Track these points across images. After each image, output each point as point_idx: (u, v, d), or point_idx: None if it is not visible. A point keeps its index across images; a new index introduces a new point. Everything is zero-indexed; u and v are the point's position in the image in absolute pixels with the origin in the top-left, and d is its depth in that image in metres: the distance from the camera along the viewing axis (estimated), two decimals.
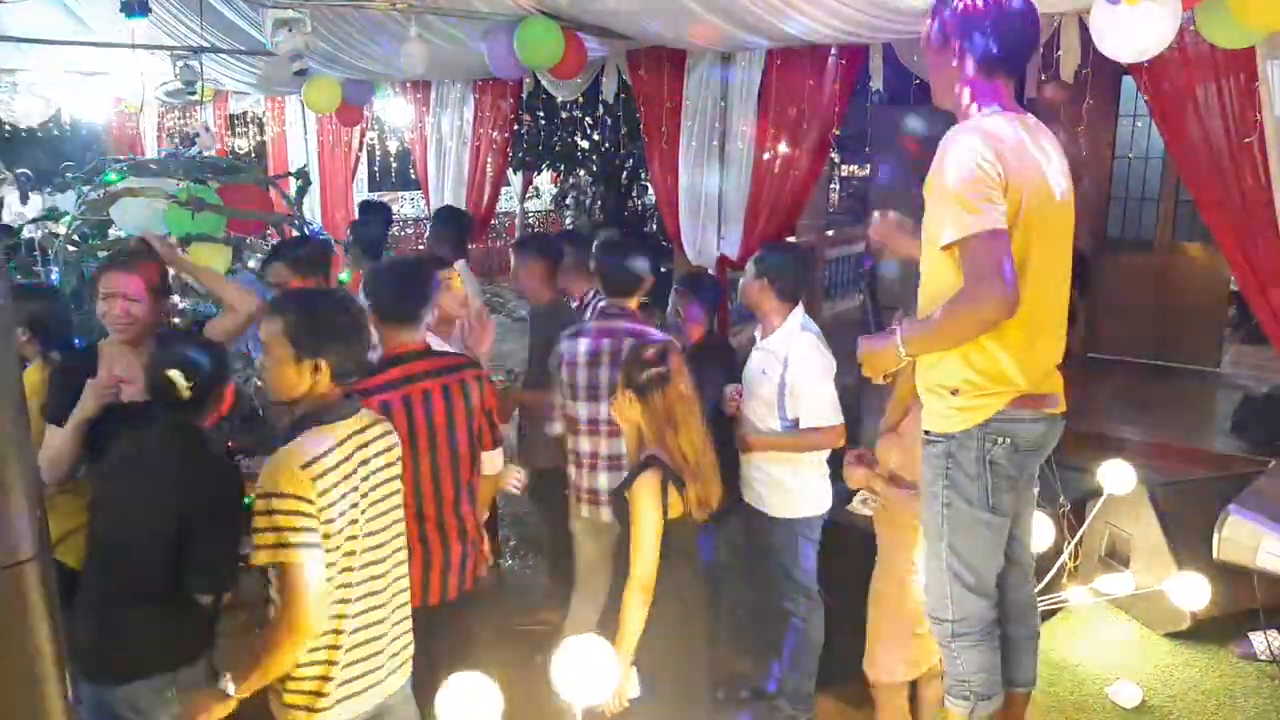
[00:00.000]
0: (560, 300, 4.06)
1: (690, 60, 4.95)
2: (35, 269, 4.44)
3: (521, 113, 7.86)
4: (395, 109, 7.13)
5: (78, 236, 4.39)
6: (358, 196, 8.47)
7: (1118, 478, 3.94)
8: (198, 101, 6.25)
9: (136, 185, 4.22)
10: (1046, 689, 3.55)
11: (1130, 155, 7.45)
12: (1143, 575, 3.96)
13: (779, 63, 4.65)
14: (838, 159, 12.89)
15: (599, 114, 9.88)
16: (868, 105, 7.06)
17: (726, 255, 5.07)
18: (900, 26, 3.81)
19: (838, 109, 4.63)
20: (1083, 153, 6.13)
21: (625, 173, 10.41)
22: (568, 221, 12.54)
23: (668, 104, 5.10)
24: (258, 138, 11.06)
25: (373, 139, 12.63)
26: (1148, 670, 3.72)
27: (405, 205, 14.24)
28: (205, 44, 5.45)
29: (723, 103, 4.91)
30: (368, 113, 7.48)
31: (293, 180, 5.54)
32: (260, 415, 3.73)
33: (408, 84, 6.66)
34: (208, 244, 4.23)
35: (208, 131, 5.82)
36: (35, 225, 4.88)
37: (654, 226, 9.65)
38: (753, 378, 3.32)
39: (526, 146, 10.23)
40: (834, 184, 14.69)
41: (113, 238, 4.47)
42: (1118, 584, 4.00)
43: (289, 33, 3.97)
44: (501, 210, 11.48)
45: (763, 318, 3.32)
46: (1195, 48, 3.32)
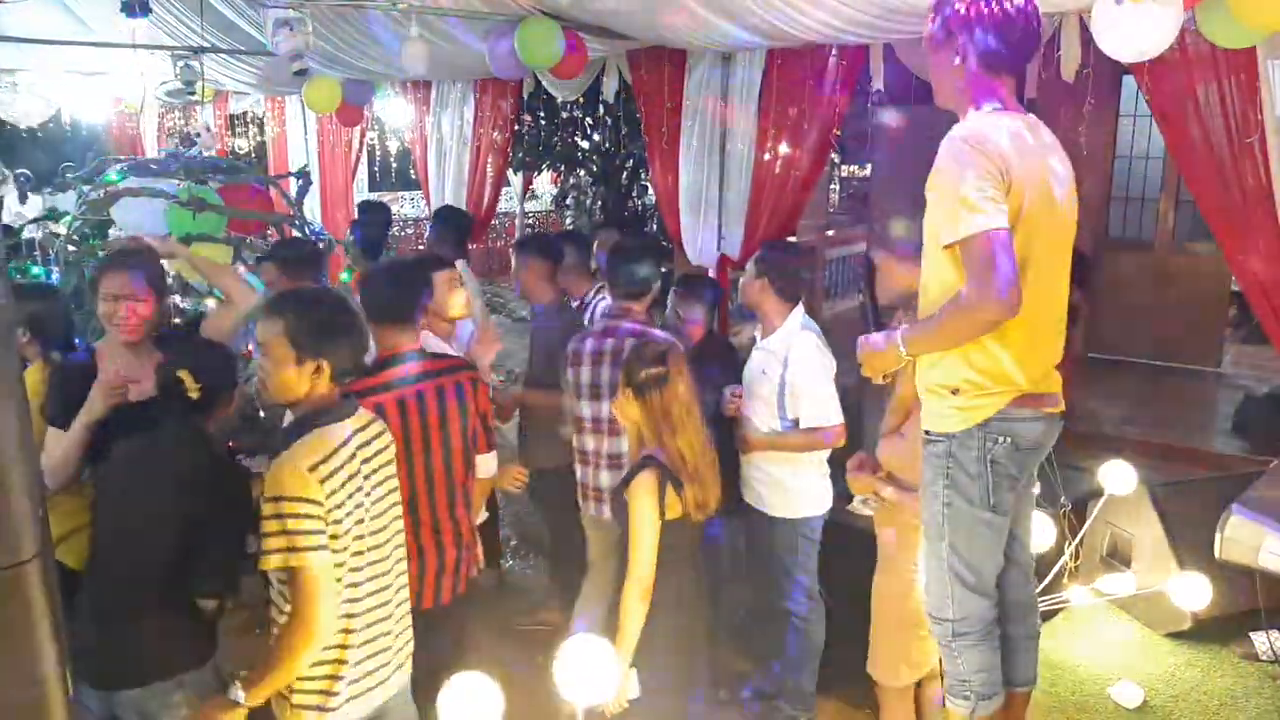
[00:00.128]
0: (561, 300, 4.06)
1: (691, 60, 4.95)
2: (35, 269, 4.43)
3: (522, 113, 7.85)
4: (395, 109, 7.13)
5: (78, 237, 4.38)
6: (358, 197, 8.46)
7: (1119, 478, 3.94)
8: (198, 102, 6.25)
9: (137, 185, 4.22)
10: (1048, 689, 3.55)
11: (1131, 155, 7.45)
12: (1144, 575, 3.96)
13: (779, 62, 4.65)
14: (838, 159, 12.89)
15: (599, 114, 9.88)
16: (868, 105, 7.06)
17: (727, 255, 5.07)
18: (901, 26, 3.81)
19: (838, 109, 4.63)
20: (1083, 152, 6.13)
21: (625, 173, 10.40)
22: (568, 222, 12.53)
23: (668, 104, 5.10)
24: (258, 138, 11.07)
25: (373, 139, 12.65)
26: (1149, 670, 3.72)
27: (405, 205, 14.23)
28: (205, 44, 5.44)
29: (723, 102, 4.91)
30: (368, 113, 7.47)
31: (293, 180, 5.53)
32: (261, 415, 3.73)
33: (408, 84, 6.66)
34: (208, 244, 4.23)
35: (208, 131, 5.82)
36: (35, 225, 4.88)
37: (654, 227, 9.64)
38: (753, 377, 3.32)
39: (527, 146, 10.23)
40: (834, 184, 14.69)
41: (113, 238, 4.47)
42: (1119, 584, 4.00)
43: (289, 32, 3.96)
44: (501, 210, 11.46)
45: (763, 317, 3.32)
46: (1196, 47, 3.31)
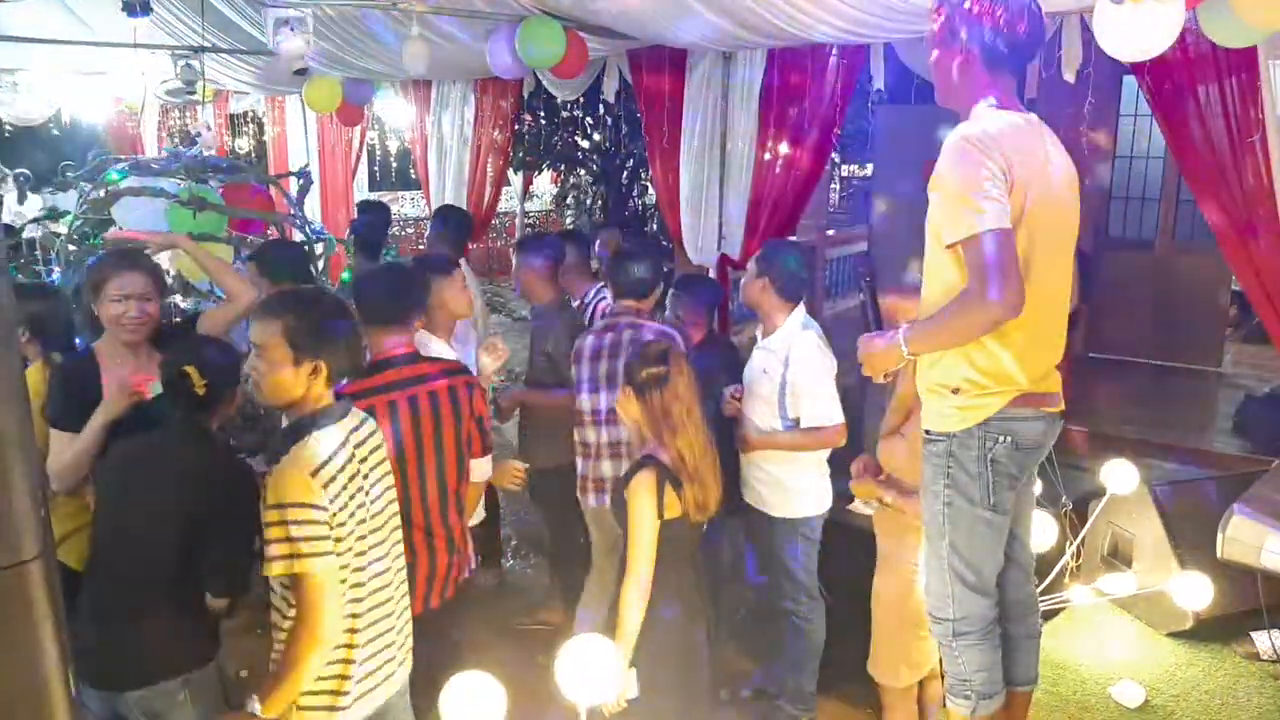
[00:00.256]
0: (561, 300, 4.05)
1: (691, 59, 4.95)
2: (36, 268, 4.43)
3: (522, 112, 7.85)
4: (396, 109, 7.12)
5: (78, 236, 4.38)
6: (358, 196, 8.47)
7: (1120, 477, 3.94)
8: (198, 101, 6.24)
9: (138, 185, 4.22)
10: (1050, 689, 3.55)
11: (1131, 155, 7.45)
12: (1145, 575, 3.96)
13: (780, 62, 4.65)
14: (838, 159, 12.89)
15: (600, 114, 9.89)
16: (869, 105, 7.06)
17: (728, 255, 5.07)
18: (901, 25, 3.81)
19: (839, 108, 4.63)
20: (1084, 152, 6.13)
21: (625, 172, 10.40)
22: (568, 221, 12.54)
23: (669, 103, 5.09)
24: (258, 137, 11.06)
25: (373, 139, 12.65)
26: (1151, 670, 3.72)
27: (406, 205, 14.23)
28: (206, 44, 5.44)
29: (724, 102, 4.91)
30: (368, 112, 7.47)
31: (294, 180, 5.53)
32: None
33: (408, 83, 6.65)
34: (209, 243, 4.23)
35: (209, 131, 5.82)
36: (36, 225, 4.88)
37: (654, 226, 9.64)
38: (754, 377, 3.32)
39: (527, 146, 10.23)
40: (834, 183, 14.69)
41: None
42: (1120, 584, 4.00)
43: (290, 32, 3.96)
44: (501, 210, 11.47)
45: (764, 317, 3.32)
46: (1197, 47, 3.31)
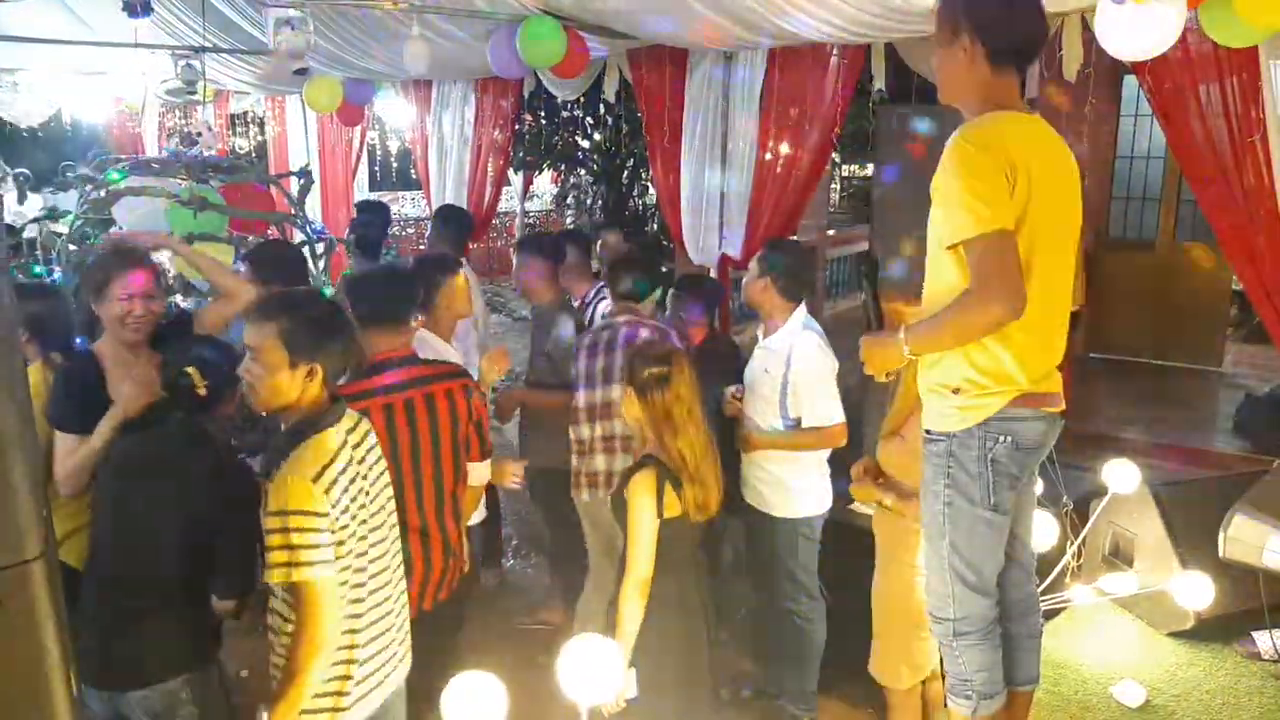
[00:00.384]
0: (562, 300, 4.06)
1: (692, 59, 4.95)
2: (37, 268, 4.44)
3: (523, 112, 7.85)
4: (396, 108, 7.12)
5: (79, 236, 4.38)
6: (358, 196, 8.46)
7: (1122, 477, 3.94)
8: (198, 101, 6.24)
9: (139, 185, 4.22)
10: (1051, 688, 3.54)
11: (1132, 155, 7.45)
12: (1146, 574, 3.95)
13: (781, 62, 4.65)
14: (838, 159, 12.90)
15: (600, 113, 9.88)
16: (870, 105, 7.06)
17: (728, 255, 5.07)
18: (902, 25, 3.81)
19: (840, 108, 4.63)
20: (1085, 152, 6.13)
21: (626, 172, 10.40)
22: (568, 221, 12.54)
23: (669, 103, 5.09)
24: (258, 137, 11.06)
25: (373, 139, 12.64)
26: (1152, 669, 3.72)
27: (406, 205, 14.23)
28: (207, 44, 5.44)
29: (724, 102, 4.91)
30: (368, 112, 7.47)
31: (294, 179, 5.53)
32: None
33: (409, 83, 6.65)
34: (210, 243, 4.23)
35: (209, 131, 5.81)
36: (36, 224, 4.88)
37: (655, 226, 9.64)
38: (755, 377, 3.32)
39: (528, 146, 10.23)
40: (834, 183, 14.70)
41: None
42: (1121, 583, 4.00)
43: (291, 32, 3.96)
44: (501, 209, 11.46)
45: (765, 317, 3.32)
46: (1198, 46, 3.31)
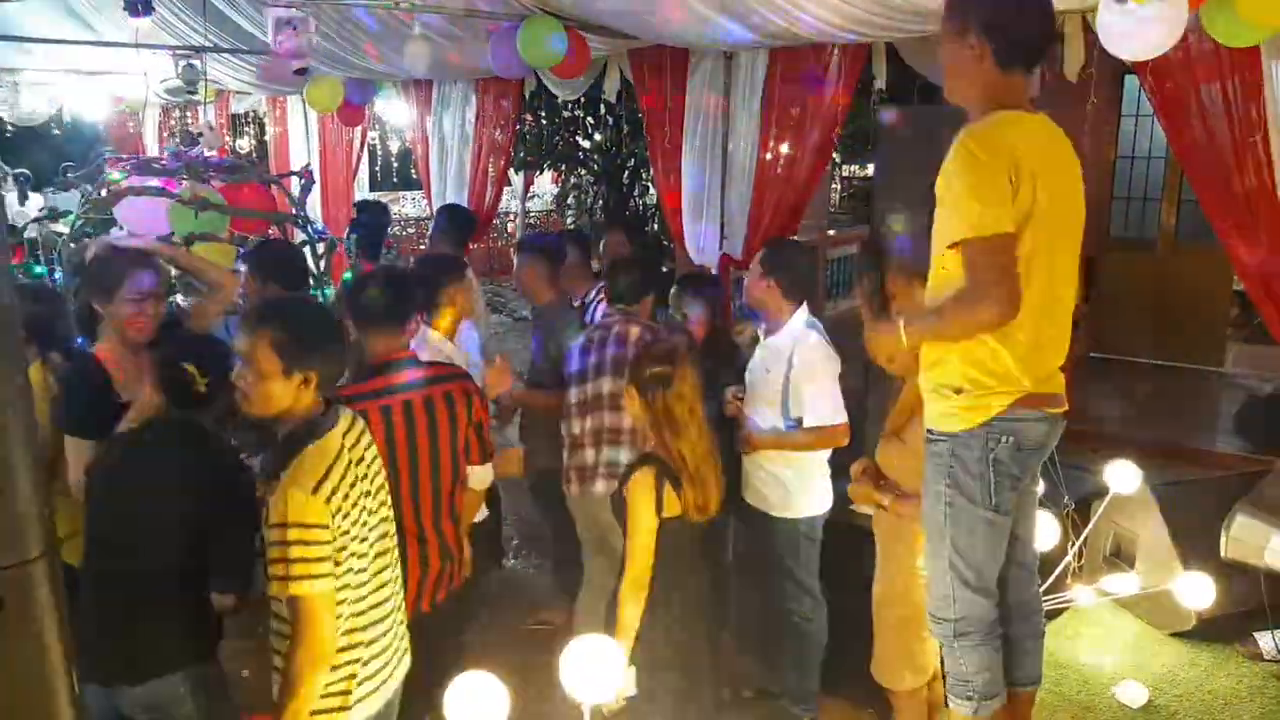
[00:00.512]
0: (562, 300, 4.06)
1: (693, 59, 4.94)
2: (38, 268, 4.44)
3: (523, 112, 7.85)
4: (397, 108, 7.12)
5: (80, 236, 4.38)
6: (359, 196, 8.46)
7: (1123, 477, 3.94)
8: (199, 101, 6.24)
9: (140, 184, 4.22)
10: (1052, 689, 3.54)
11: (1133, 155, 7.44)
12: (1148, 575, 3.95)
13: (782, 62, 4.64)
14: (839, 158, 12.88)
15: (601, 113, 9.88)
16: (871, 105, 7.06)
17: (729, 254, 5.06)
18: (903, 25, 3.80)
19: (841, 108, 4.62)
20: (1085, 152, 6.12)
21: (627, 172, 10.39)
22: (569, 221, 12.53)
23: (670, 103, 5.09)
24: (259, 137, 11.06)
25: (374, 139, 12.65)
26: (1153, 670, 3.72)
27: (407, 205, 14.24)
28: (208, 44, 5.44)
29: (725, 102, 4.90)
30: (369, 112, 7.47)
31: (295, 179, 5.53)
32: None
33: (409, 83, 6.65)
34: (211, 243, 4.23)
35: (211, 131, 5.81)
36: (36, 224, 4.88)
37: (655, 226, 9.63)
38: (756, 376, 3.32)
39: (528, 146, 10.22)
40: (835, 183, 14.69)
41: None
42: (1123, 584, 3.99)
43: (292, 32, 3.96)
44: (502, 209, 11.46)
45: (768, 317, 3.32)
46: (1199, 46, 3.31)
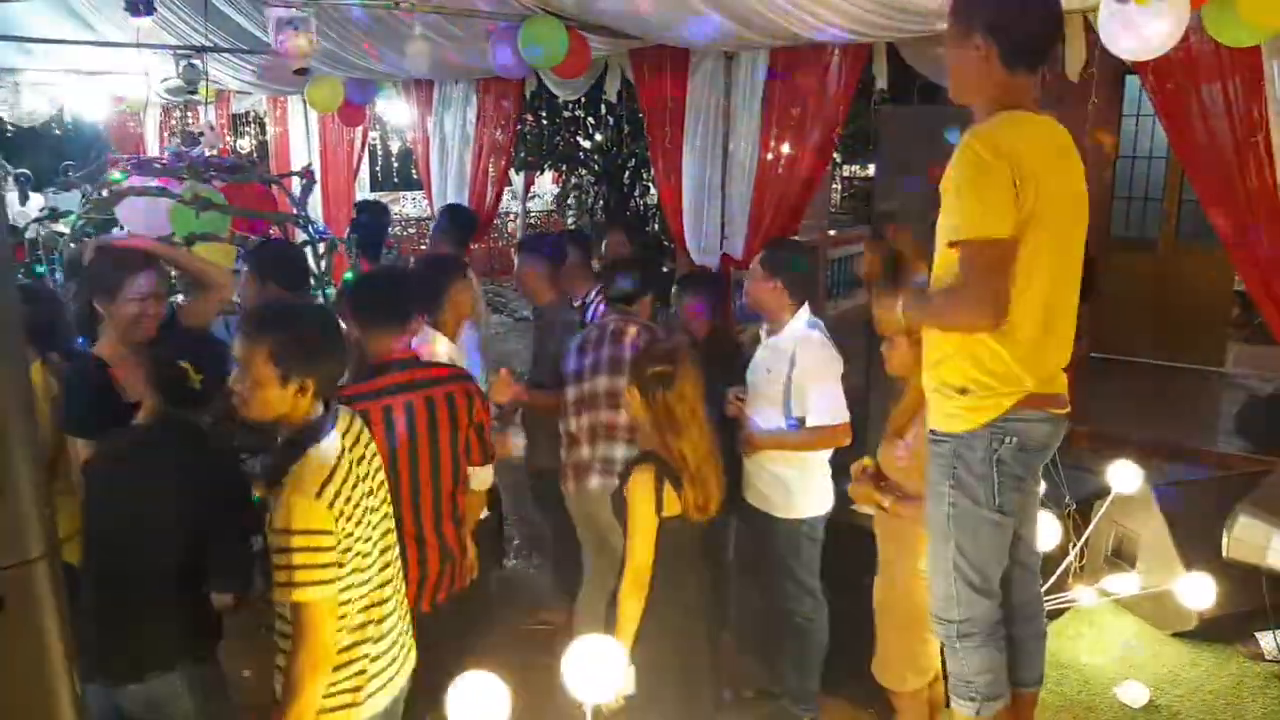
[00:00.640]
0: (563, 300, 4.06)
1: (694, 59, 4.94)
2: (40, 268, 4.43)
3: (524, 113, 7.84)
4: (397, 109, 7.12)
5: (81, 237, 4.37)
6: (360, 196, 8.45)
7: (1124, 477, 3.94)
8: (200, 101, 6.24)
9: (141, 184, 4.22)
10: (1054, 689, 3.54)
11: (1134, 155, 7.45)
12: (1149, 575, 3.95)
13: (783, 62, 4.64)
14: (839, 159, 12.88)
15: (601, 114, 9.87)
16: (872, 106, 7.05)
17: (730, 255, 5.06)
18: (904, 25, 3.80)
19: (841, 108, 4.62)
20: (1087, 152, 6.12)
21: (627, 172, 10.39)
22: (569, 221, 12.53)
23: (671, 103, 5.09)
24: (259, 137, 11.06)
25: (375, 139, 12.65)
26: (1155, 670, 3.71)
27: (407, 205, 14.24)
28: (209, 44, 5.44)
29: (726, 102, 4.90)
30: (370, 112, 7.46)
31: (296, 179, 5.53)
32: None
33: (410, 84, 6.65)
34: (212, 243, 4.23)
35: (212, 130, 5.81)
36: (38, 224, 4.88)
37: (656, 226, 9.63)
38: (758, 376, 3.31)
39: (529, 146, 10.22)
40: (835, 184, 14.69)
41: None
42: (1124, 584, 3.99)
43: (294, 32, 3.96)
44: (503, 210, 11.45)
45: (770, 317, 3.31)
46: (1200, 46, 3.30)
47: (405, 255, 11.55)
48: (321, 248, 4.78)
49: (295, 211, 4.96)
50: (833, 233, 9.38)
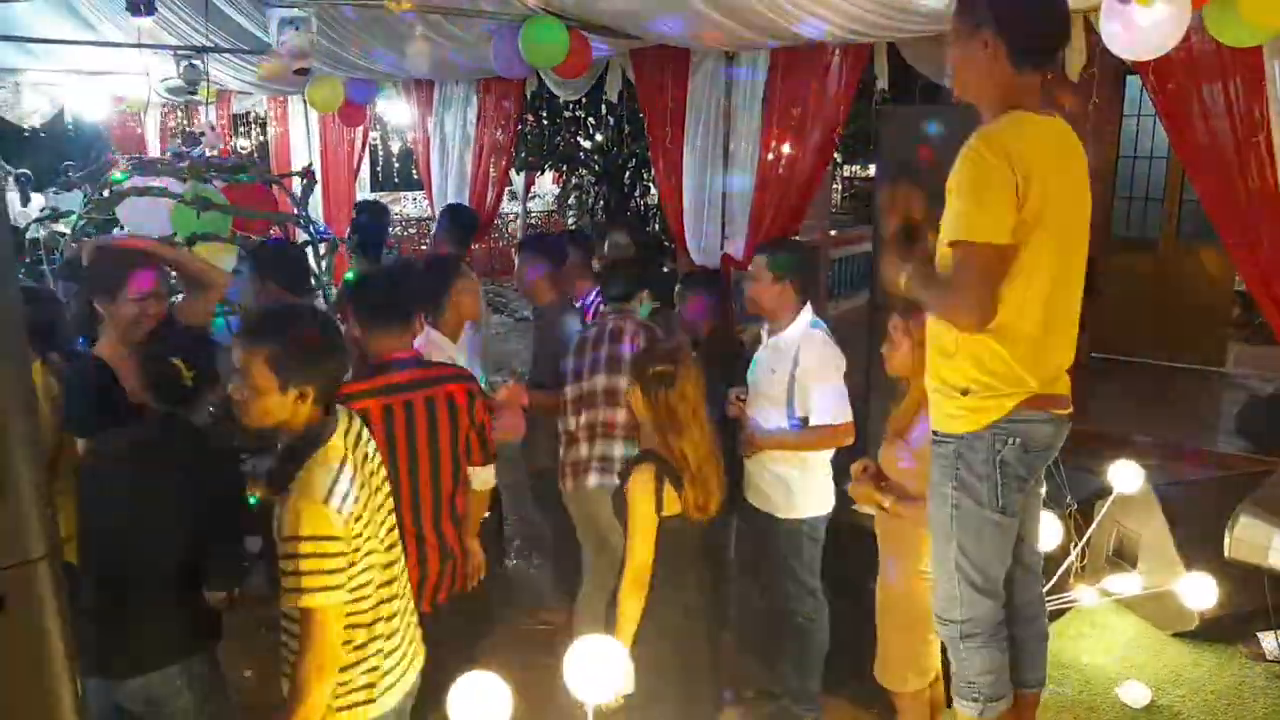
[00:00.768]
0: (563, 301, 4.06)
1: (695, 60, 4.94)
2: (41, 269, 4.44)
3: (525, 113, 7.84)
4: (398, 109, 7.12)
5: (83, 236, 4.37)
6: (361, 196, 8.45)
7: (1126, 477, 3.94)
8: (200, 101, 6.24)
9: (143, 185, 4.22)
10: (1055, 689, 3.54)
11: (1135, 155, 7.44)
12: (1151, 575, 3.95)
13: (784, 62, 4.64)
14: (840, 159, 12.87)
15: (602, 114, 9.87)
16: (873, 106, 7.05)
17: (731, 255, 5.06)
18: (905, 25, 3.80)
19: (842, 108, 4.62)
20: (1088, 152, 6.12)
21: (628, 173, 10.39)
22: (570, 221, 12.53)
23: (671, 103, 5.09)
24: (260, 137, 11.06)
25: (375, 139, 12.65)
26: (1156, 670, 3.71)
27: (408, 205, 14.24)
28: (209, 44, 5.44)
29: (727, 102, 4.90)
30: (370, 112, 7.46)
31: (297, 179, 5.53)
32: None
33: (410, 84, 6.65)
34: (213, 243, 4.23)
35: (213, 131, 5.81)
36: (40, 225, 4.88)
37: (656, 226, 9.63)
38: (761, 375, 3.31)
39: (530, 146, 10.22)
40: (836, 184, 14.69)
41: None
42: (1126, 584, 3.99)
43: (295, 32, 3.96)
44: (503, 210, 11.45)
45: (773, 317, 3.31)
46: (1201, 46, 3.30)
47: (406, 255, 11.56)
48: (323, 248, 4.79)
49: (296, 212, 4.96)
50: (833, 233, 9.38)
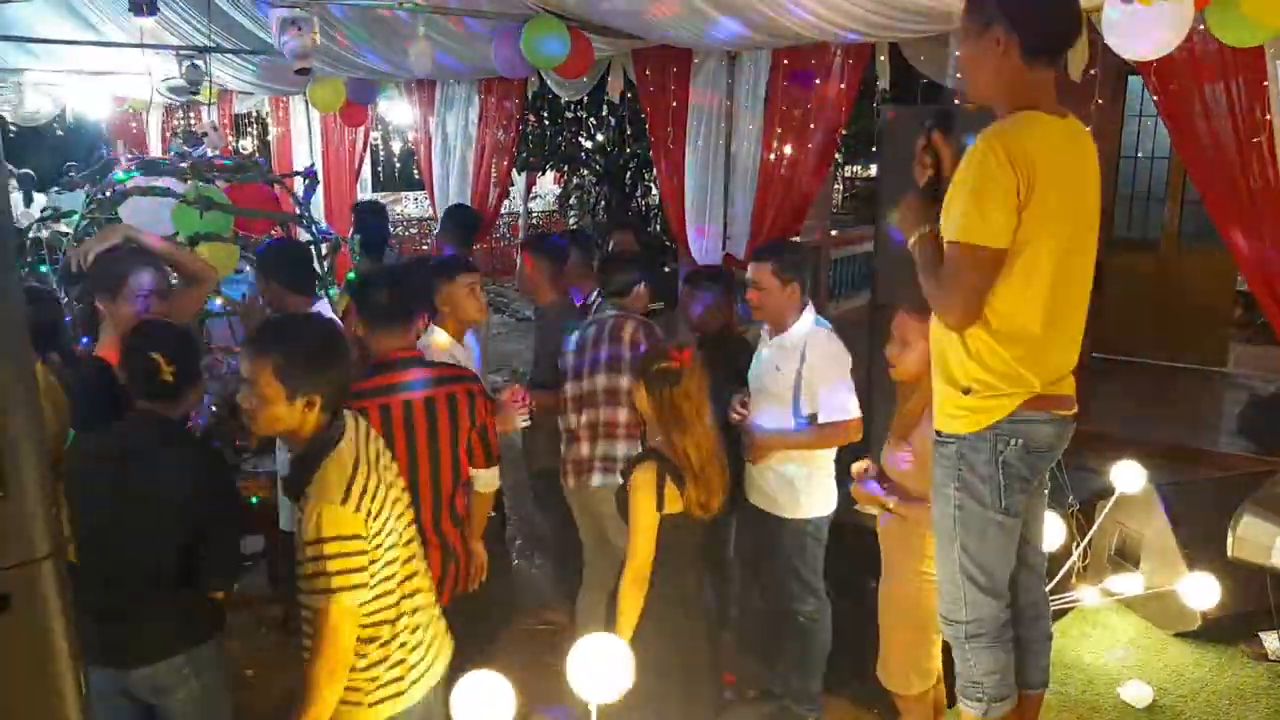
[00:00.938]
0: (565, 301, 4.06)
1: (696, 60, 4.94)
2: (44, 268, 4.44)
3: (526, 113, 7.84)
4: (400, 109, 7.12)
5: (85, 236, 4.37)
6: (362, 196, 8.45)
7: (1128, 477, 3.93)
8: (202, 102, 6.24)
9: (146, 184, 4.23)
10: (1058, 689, 3.53)
11: (1136, 155, 7.44)
12: (1153, 575, 3.94)
13: (785, 62, 4.64)
14: (841, 159, 12.86)
15: (603, 114, 9.87)
16: (875, 106, 7.05)
17: (732, 255, 5.06)
18: (906, 25, 3.80)
19: (844, 109, 4.62)
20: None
21: (629, 173, 10.38)
22: (571, 221, 12.53)
23: (673, 103, 5.09)
24: (262, 138, 11.06)
25: (377, 139, 12.65)
26: (1159, 670, 3.71)
27: (410, 205, 14.24)
28: (211, 44, 5.45)
29: (728, 102, 4.90)
30: (372, 112, 7.47)
31: (298, 180, 5.53)
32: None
33: (412, 84, 6.65)
34: (215, 244, 4.23)
35: (215, 131, 5.81)
36: (42, 225, 4.88)
37: (657, 226, 9.63)
38: (766, 375, 3.31)
39: (531, 146, 10.22)
40: (837, 184, 14.67)
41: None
42: (1128, 584, 3.99)
43: (297, 32, 3.96)
44: (505, 210, 11.45)
45: (777, 317, 3.29)
46: (1203, 46, 3.30)
47: (406, 255, 11.55)
48: (325, 248, 4.79)
49: (299, 212, 4.96)
50: (834, 233, 9.37)
